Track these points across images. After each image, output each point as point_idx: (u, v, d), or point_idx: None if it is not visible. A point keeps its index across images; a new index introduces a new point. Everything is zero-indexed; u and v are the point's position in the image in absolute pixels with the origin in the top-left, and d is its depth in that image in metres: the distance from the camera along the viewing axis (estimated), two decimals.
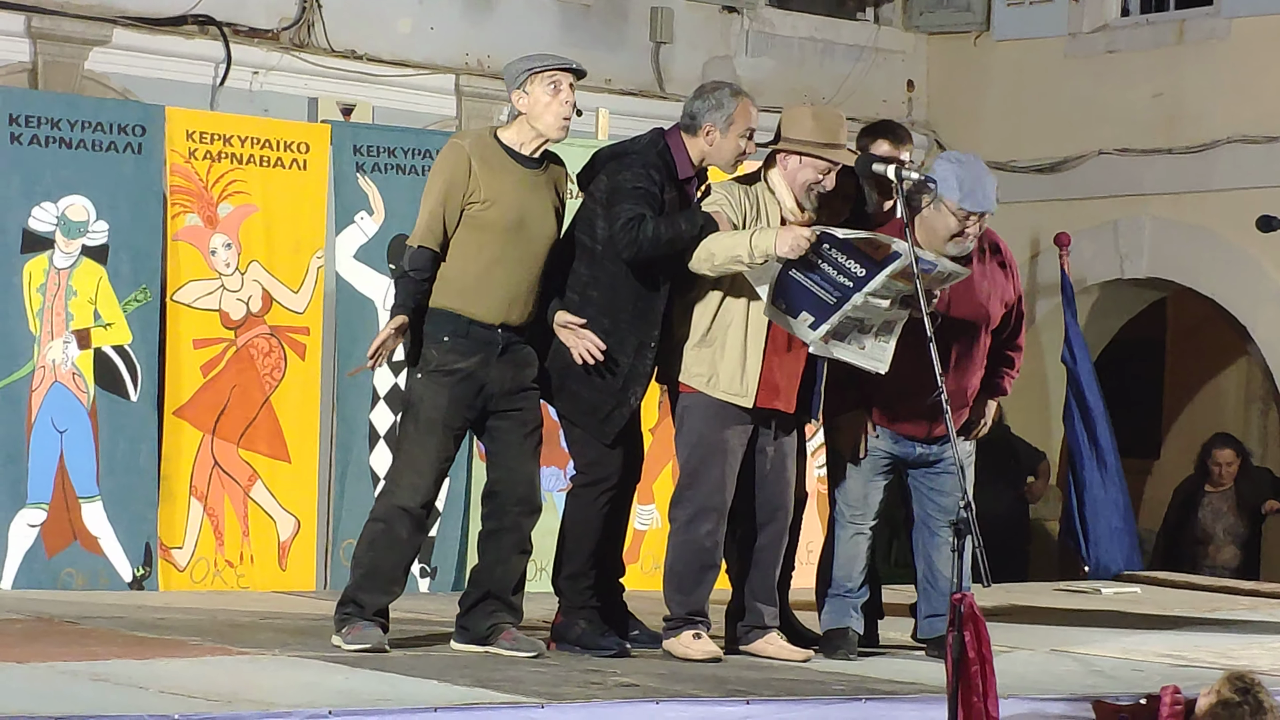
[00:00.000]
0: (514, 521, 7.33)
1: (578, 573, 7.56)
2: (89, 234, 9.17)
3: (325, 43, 12.42)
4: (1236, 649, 8.42)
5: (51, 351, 9.08)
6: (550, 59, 7.39)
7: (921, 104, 15.04)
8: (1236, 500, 13.25)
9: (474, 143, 7.32)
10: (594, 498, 7.52)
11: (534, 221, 7.28)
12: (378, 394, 9.75)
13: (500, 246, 7.23)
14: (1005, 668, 7.19)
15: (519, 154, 7.31)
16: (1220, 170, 13.67)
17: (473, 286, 7.22)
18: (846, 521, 7.84)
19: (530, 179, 7.31)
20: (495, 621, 7.32)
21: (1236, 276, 13.72)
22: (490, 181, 7.22)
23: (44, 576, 9.01)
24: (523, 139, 7.33)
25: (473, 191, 7.21)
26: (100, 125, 9.21)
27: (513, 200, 7.24)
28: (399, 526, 7.25)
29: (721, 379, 7.44)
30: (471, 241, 7.23)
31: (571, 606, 7.57)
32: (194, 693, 6.07)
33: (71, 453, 9.10)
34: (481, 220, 7.21)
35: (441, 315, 7.25)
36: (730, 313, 7.45)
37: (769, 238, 7.28)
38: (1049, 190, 14.26)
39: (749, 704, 6.39)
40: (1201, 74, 13.81)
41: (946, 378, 7.25)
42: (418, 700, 6.10)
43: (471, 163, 7.22)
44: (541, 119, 7.28)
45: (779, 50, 14.43)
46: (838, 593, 7.84)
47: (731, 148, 7.51)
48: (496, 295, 7.24)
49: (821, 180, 7.50)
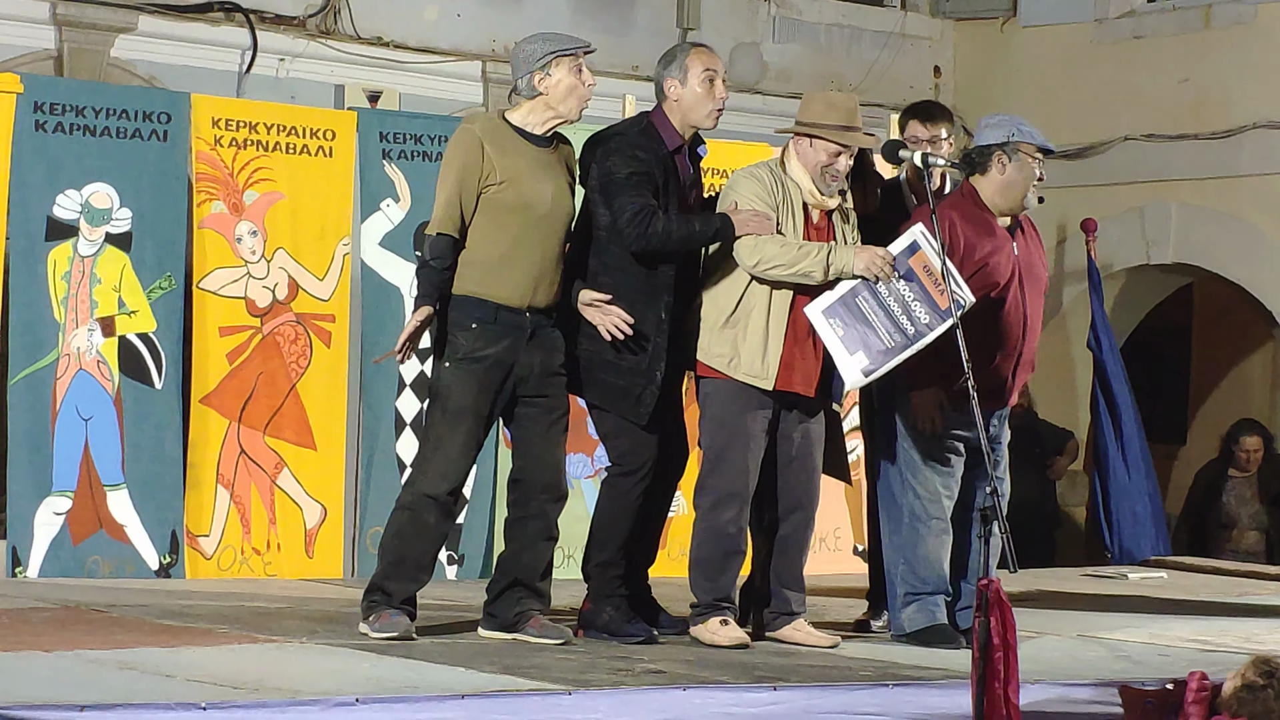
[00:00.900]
0: (540, 509, 7.31)
1: (608, 562, 7.54)
2: (113, 221, 9.18)
3: (352, 30, 12.42)
4: (1262, 633, 8.41)
5: (76, 339, 9.09)
6: (573, 41, 7.37)
7: (948, 90, 15.00)
8: (1259, 486, 13.24)
9: (484, 126, 7.30)
10: (628, 488, 7.49)
11: (552, 199, 7.26)
12: (404, 381, 9.75)
13: (521, 227, 7.19)
14: (1032, 653, 7.20)
15: (530, 134, 7.29)
16: (1247, 156, 13.63)
17: (496, 270, 7.19)
18: (929, 517, 7.72)
19: (544, 158, 7.29)
20: (523, 609, 7.30)
21: (1263, 262, 13.68)
22: (505, 163, 7.19)
23: (70, 565, 9.02)
24: (536, 120, 7.30)
25: (488, 174, 7.18)
26: (125, 113, 9.22)
27: (529, 180, 7.22)
28: (427, 514, 7.23)
29: (743, 360, 7.43)
30: (491, 225, 7.19)
31: (600, 594, 7.56)
32: (221, 680, 6.08)
33: (96, 441, 9.11)
34: (500, 202, 7.18)
35: (467, 302, 7.21)
36: (755, 296, 7.44)
37: (847, 256, 7.32)
38: (1075, 176, 14.21)
39: (776, 690, 6.38)
40: (1228, 60, 13.76)
41: (1023, 344, 7.42)
42: (445, 687, 6.10)
43: (484, 145, 7.19)
44: (565, 101, 7.26)
45: (806, 36, 14.40)
46: (934, 592, 7.72)
47: (698, 94, 7.50)
48: (521, 277, 7.21)
49: (834, 163, 7.48)
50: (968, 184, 7.78)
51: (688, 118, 7.54)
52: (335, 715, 5.62)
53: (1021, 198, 7.70)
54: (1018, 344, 7.73)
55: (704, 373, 7.53)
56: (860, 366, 7.32)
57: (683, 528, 9.70)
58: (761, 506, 7.59)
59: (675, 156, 7.51)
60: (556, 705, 5.98)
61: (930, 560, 7.73)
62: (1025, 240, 7.85)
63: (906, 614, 7.78)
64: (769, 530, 7.64)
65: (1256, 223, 13.51)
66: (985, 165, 7.70)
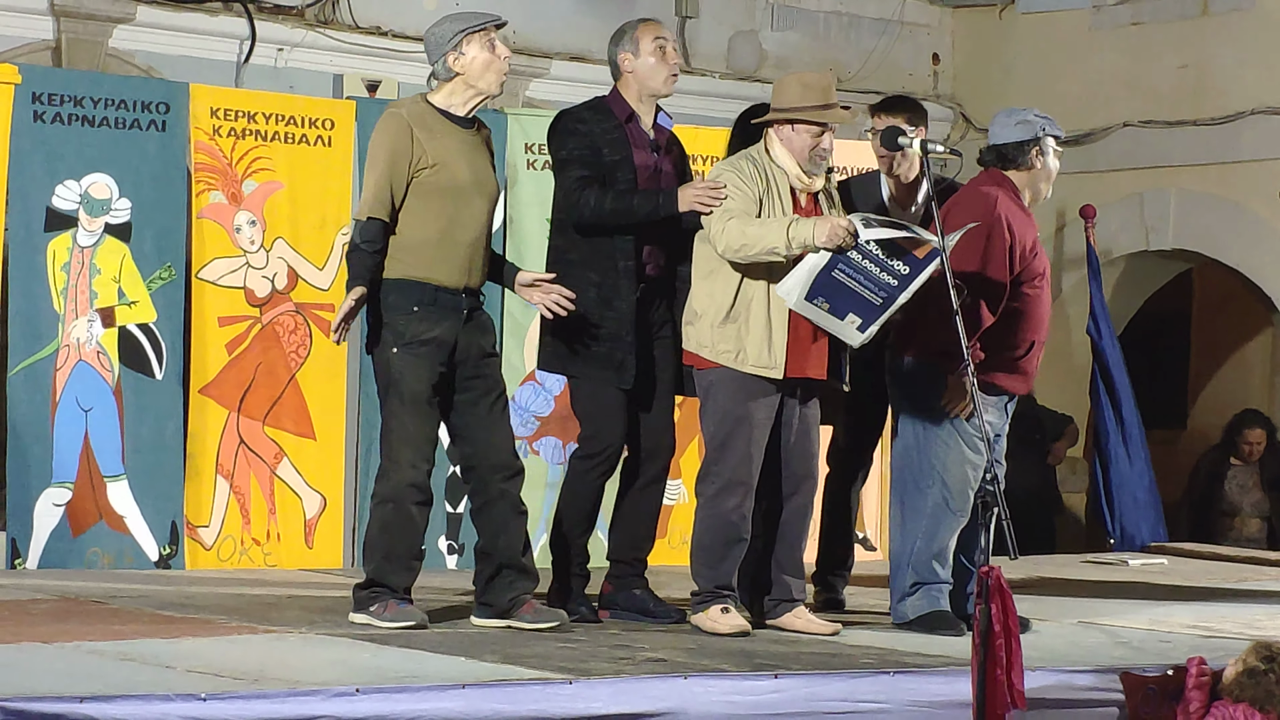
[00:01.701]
0: (499, 490, 7.31)
1: (569, 539, 7.70)
2: (112, 212, 9.17)
3: (350, 19, 12.40)
4: (1263, 619, 8.40)
5: (76, 330, 9.09)
6: (483, 16, 7.41)
7: (947, 77, 14.99)
8: (1261, 474, 13.25)
9: (411, 110, 7.31)
10: (586, 470, 7.65)
11: (481, 181, 7.32)
12: None
13: (454, 209, 7.23)
14: (1032, 640, 7.20)
15: (455, 116, 7.32)
16: (1246, 142, 13.61)
17: (433, 253, 7.20)
18: (957, 511, 7.69)
19: (469, 140, 7.34)
20: (515, 593, 7.31)
21: (1262, 248, 13.67)
22: (435, 146, 7.22)
23: (70, 556, 9.02)
24: (459, 100, 7.32)
25: (419, 158, 7.19)
26: (124, 103, 9.21)
27: (459, 162, 7.26)
28: (408, 503, 7.22)
29: (749, 354, 7.42)
30: (424, 208, 7.20)
31: (560, 573, 7.69)
32: (221, 671, 6.07)
33: (96, 432, 9.11)
34: (432, 185, 7.20)
35: (406, 285, 7.20)
36: (752, 288, 7.43)
37: (807, 228, 7.28)
38: (1074, 163, 14.13)
39: (777, 678, 6.38)
40: (1227, 46, 13.74)
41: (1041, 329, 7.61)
42: (446, 677, 6.10)
43: (414, 130, 7.21)
44: (483, 77, 7.30)
45: (804, 24, 14.38)
46: (932, 580, 7.73)
47: (651, 64, 7.69)
48: (457, 259, 7.24)
49: (819, 143, 7.49)
50: (999, 174, 7.77)
51: (645, 87, 7.71)
52: (335, 705, 5.62)
53: (1047, 190, 7.85)
54: (1045, 334, 7.84)
55: (705, 365, 7.52)
56: (855, 325, 7.32)
57: (684, 516, 9.73)
58: (760, 494, 7.60)
59: (628, 126, 7.65)
60: (557, 694, 5.98)
61: (947, 553, 7.75)
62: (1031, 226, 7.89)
63: (910, 601, 7.78)
64: (768, 518, 7.64)
65: (1256, 209, 13.50)
66: (1021, 160, 7.77)
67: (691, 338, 7.54)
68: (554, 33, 13.12)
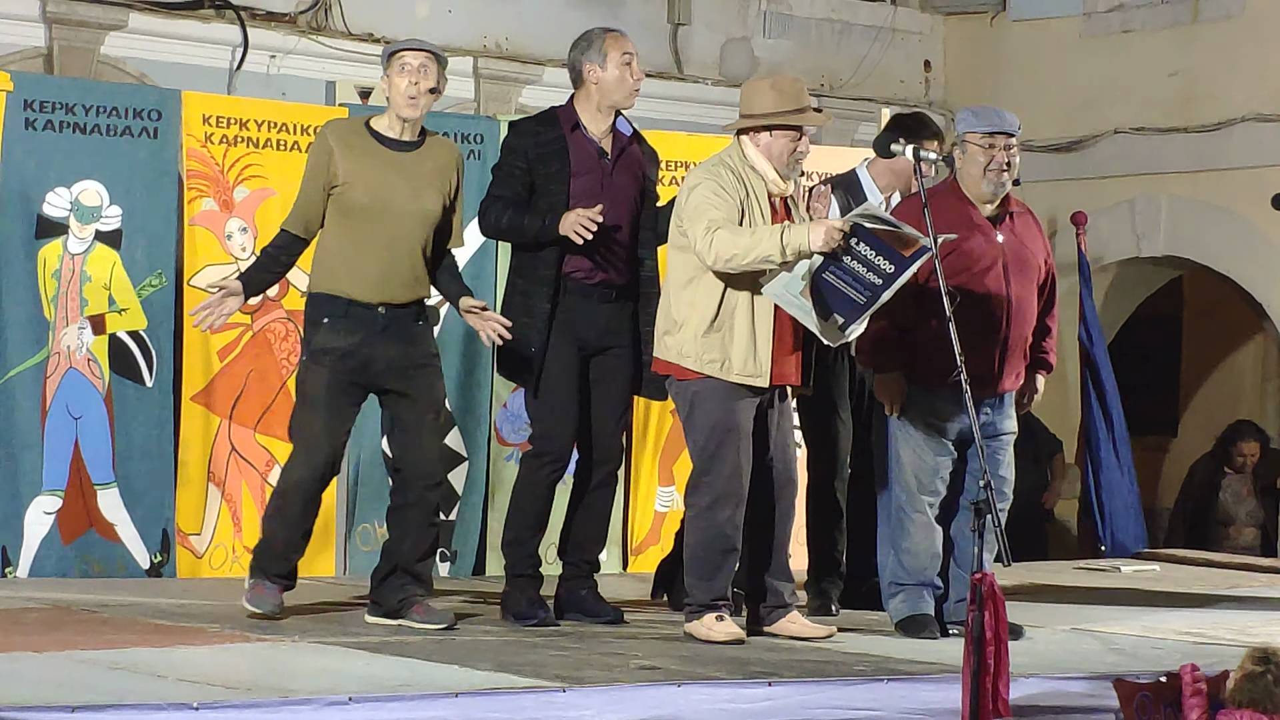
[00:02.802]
0: (418, 496, 7.59)
1: (518, 539, 7.81)
2: (102, 219, 9.15)
3: (343, 26, 12.40)
4: (1256, 625, 8.42)
5: (66, 338, 9.07)
6: (402, 44, 7.71)
7: (939, 84, 15.01)
8: (1255, 482, 13.28)
9: (337, 128, 7.70)
10: (537, 468, 7.79)
11: (398, 201, 7.54)
12: None
13: (366, 226, 7.52)
14: (1026, 647, 7.22)
15: (387, 138, 7.60)
16: (1236, 149, 13.64)
17: (344, 268, 7.53)
18: (912, 509, 7.76)
19: (397, 161, 7.57)
20: (406, 595, 7.56)
21: (1252, 254, 13.70)
22: (350, 164, 7.52)
23: (61, 564, 9.00)
24: (391, 125, 7.63)
25: (333, 176, 7.52)
26: (115, 110, 9.20)
27: (372, 181, 7.52)
28: (292, 501, 7.59)
29: (735, 363, 7.42)
30: (337, 224, 7.57)
31: (512, 574, 7.80)
32: (213, 680, 6.07)
33: (87, 439, 9.09)
34: (343, 202, 7.54)
35: (319, 299, 7.58)
36: (735, 297, 7.42)
37: (801, 234, 7.27)
38: (1066, 169, 14.23)
39: (771, 685, 6.38)
40: (1217, 53, 13.77)
41: (1008, 331, 7.44)
42: (439, 685, 6.09)
43: (333, 149, 7.54)
44: (397, 103, 7.59)
45: (796, 31, 14.39)
46: (917, 583, 7.77)
47: (616, 77, 7.79)
48: (369, 274, 7.52)
49: (797, 147, 7.50)
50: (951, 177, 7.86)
51: (607, 99, 7.81)
52: (328, 715, 5.61)
53: (980, 186, 7.72)
54: (1001, 331, 7.75)
55: (688, 376, 7.49)
56: (838, 324, 7.34)
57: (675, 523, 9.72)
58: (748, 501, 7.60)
59: (572, 135, 7.76)
60: (550, 703, 5.97)
61: (915, 552, 7.76)
62: (1015, 229, 7.87)
63: (892, 604, 7.85)
64: (752, 524, 7.63)
65: (1246, 215, 13.52)
66: (952, 159, 7.86)
67: (671, 347, 7.51)
68: (547, 39, 13.10)
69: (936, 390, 7.65)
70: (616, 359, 7.82)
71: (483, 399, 9.86)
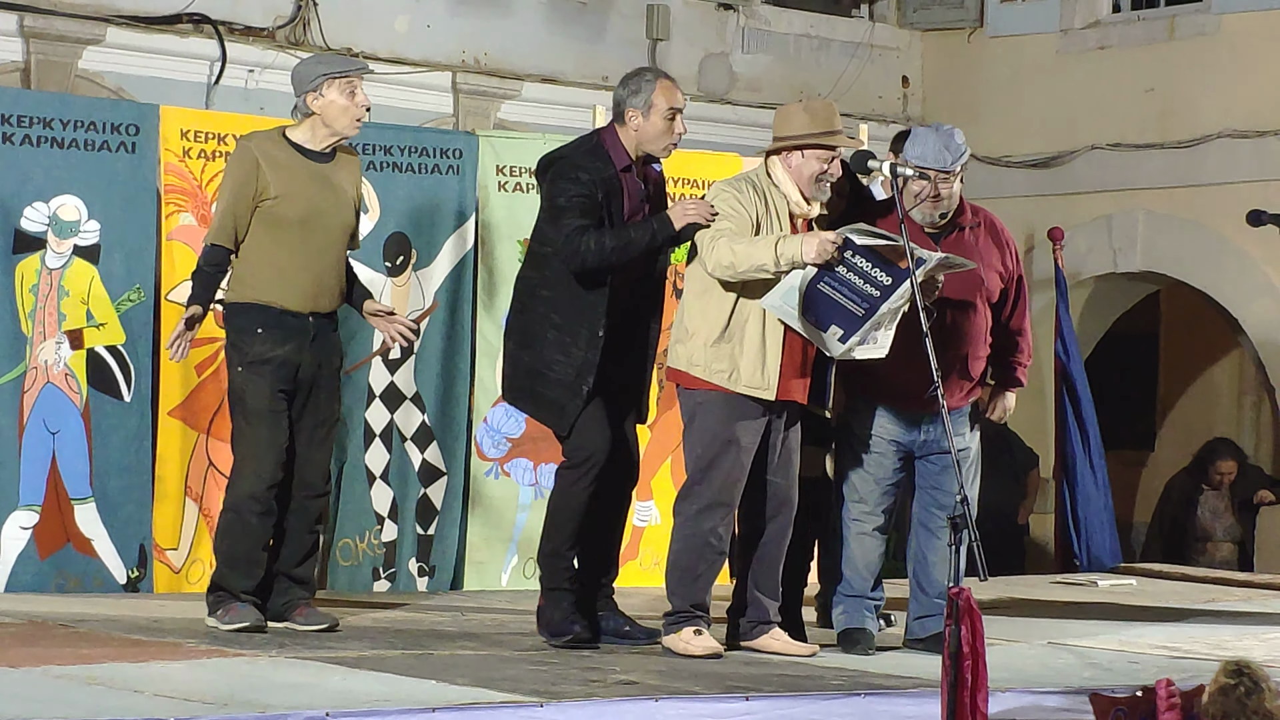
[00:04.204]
0: (300, 504, 7.78)
1: (554, 552, 7.65)
2: (80, 234, 9.14)
3: (321, 40, 12.40)
4: (1231, 640, 8.43)
5: (44, 352, 9.05)
6: (347, 64, 7.88)
7: (916, 100, 15.05)
8: (1232, 498, 13.32)
9: (260, 142, 7.77)
10: (573, 481, 7.61)
11: (327, 212, 7.72)
12: (373, 392, 9.72)
13: (298, 238, 7.66)
14: (1002, 661, 7.21)
15: (308, 150, 7.73)
16: (1212, 165, 13.70)
17: (277, 279, 7.65)
18: (851, 520, 7.82)
19: (320, 173, 7.73)
20: (289, 598, 7.75)
21: (1228, 270, 13.75)
22: (279, 178, 7.65)
23: (37, 579, 8.97)
24: (314, 136, 7.75)
25: (263, 189, 7.64)
26: (93, 124, 9.18)
27: (303, 194, 7.67)
28: (247, 514, 7.68)
29: (743, 374, 7.42)
30: (268, 236, 7.67)
31: (548, 588, 7.64)
32: (190, 695, 6.05)
33: (64, 454, 9.07)
34: (275, 216, 7.65)
35: (252, 309, 7.70)
36: (747, 308, 7.43)
37: (795, 245, 7.30)
38: (1043, 185, 14.28)
39: (749, 700, 6.38)
40: (1192, 69, 13.83)
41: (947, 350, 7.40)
42: (416, 700, 6.08)
43: (260, 162, 7.64)
44: (338, 120, 7.75)
45: (775, 47, 14.43)
46: (853, 594, 7.81)
47: (657, 131, 7.62)
48: (301, 285, 7.68)
49: (828, 169, 7.52)
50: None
51: (643, 146, 7.66)
52: None
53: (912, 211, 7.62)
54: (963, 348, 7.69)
55: (695, 385, 7.51)
56: (837, 336, 7.35)
57: (656, 538, 9.73)
58: (740, 516, 7.60)
59: (623, 175, 7.60)
60: (528, 717, 5.97)
61: (853, 563, 7.81)
62: (963, 242, 7.75)
63: (835, 614, 7.89)
64: (746, 540, 7.63)
65: (1222, 230, 13.57)
66: None
67: (681, 356, 7.53)
68: (525, 55, 13.14)
69: (881, 406, 7.72)
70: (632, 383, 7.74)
71: (462, 414, 9.85)
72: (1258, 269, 13.53)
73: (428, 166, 9.86)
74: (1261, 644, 8.33)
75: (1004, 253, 7.95)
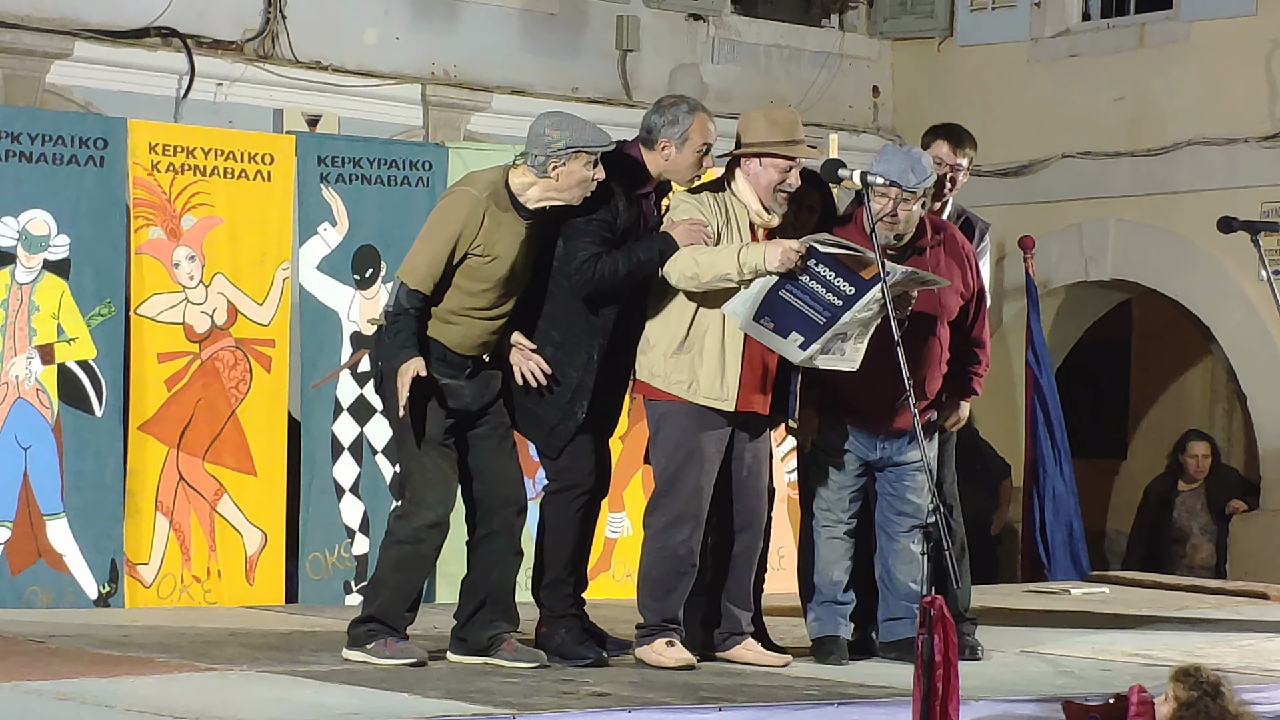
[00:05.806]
0: (504, 523, 7.41)
1: (556, 580, 7.55)
2: (50, 248, 9.12)
3: (290, 54, 12.39)
4: (1204, 647, 8.44)
5: (14, 367, 9.03)
6: (598, 138, 7.34)
7: (887, 110, 15.07)
8: (1207, 496, 13.32)
9: (488, 194, 7.32)
10: (567, 504, 7.53)
11: (521, 272, 7.37)
12: (341, 405, 9.71)
13: (492, 296, 7.32)
14: (975, 669, 7.23)
15: (522, 205, 7.33)
16: (1182, 172, 13.74)
17: (457, 325, 7.32)
18: (819, 527, 7.85)
19: (526, 231, 7.36)
20: (495, 632, 7.36)
21: (1200, 277, 13.78)
22: (495, 236, 7.28)
23: (8, 595, 8.95)
24: (535, 195, 7.33)
25: (479, 245, 7.26)
26: (61, 138, 9.17)
27: (509, 255, 7.31)
28: (427, 546, 7.34)
29: (702, 385, 7.42)
30: (465, 286, 7.30)
31: (553, 615, 7.55)
32: (161, 710, 6.04)
33: (35, 469, 9.04)
34: (480, 271, 7.29)
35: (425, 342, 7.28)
36: (707, 319, 7.43)
37: (758, 253, 7.29)
38: (1014, 194, 14.30)
39: (721, 711, 6.38)
40: (1163, 77, 13.88)
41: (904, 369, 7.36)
42: (389, 713, 6.08)
43: (485, 218, 7.26)
44: (571, 191, 7.30)
45: (745, 57, 14.45)
46: (823, 600, 7.83)
47: (688, 163, 7.53)
48: (474, 337, 7.36)
49: (786, 179, 7.49)
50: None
51: (667, 174, 7.59)
52: None
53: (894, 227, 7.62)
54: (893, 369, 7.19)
55: (657, 396, 7.50)
56: (797, 343, 7.33)
57: (627, 549, 9.72)
58: (710, 527, 7.59)
59: (644, 203, 7.54)
60: None
61: (820, 569, 7.84)
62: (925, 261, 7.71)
63: (807, 621, 7.91)
64: (717, 551, 7.63)
65: (1193, 238, 13.61)
66: None
67: (644, 366, 7.52)
68: (495, 67, 13.13)
69: (841, 418, 7.74)
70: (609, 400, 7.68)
71: None
72: (1229, 276, 13.57)
73: (397, 179, 9.84)
74: (1234, 650, 8.35)
75: (965, 269, 7.93)
